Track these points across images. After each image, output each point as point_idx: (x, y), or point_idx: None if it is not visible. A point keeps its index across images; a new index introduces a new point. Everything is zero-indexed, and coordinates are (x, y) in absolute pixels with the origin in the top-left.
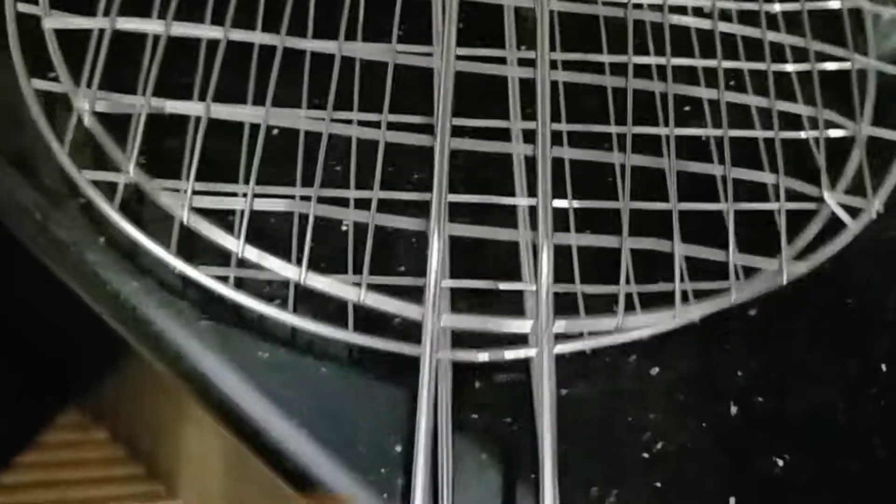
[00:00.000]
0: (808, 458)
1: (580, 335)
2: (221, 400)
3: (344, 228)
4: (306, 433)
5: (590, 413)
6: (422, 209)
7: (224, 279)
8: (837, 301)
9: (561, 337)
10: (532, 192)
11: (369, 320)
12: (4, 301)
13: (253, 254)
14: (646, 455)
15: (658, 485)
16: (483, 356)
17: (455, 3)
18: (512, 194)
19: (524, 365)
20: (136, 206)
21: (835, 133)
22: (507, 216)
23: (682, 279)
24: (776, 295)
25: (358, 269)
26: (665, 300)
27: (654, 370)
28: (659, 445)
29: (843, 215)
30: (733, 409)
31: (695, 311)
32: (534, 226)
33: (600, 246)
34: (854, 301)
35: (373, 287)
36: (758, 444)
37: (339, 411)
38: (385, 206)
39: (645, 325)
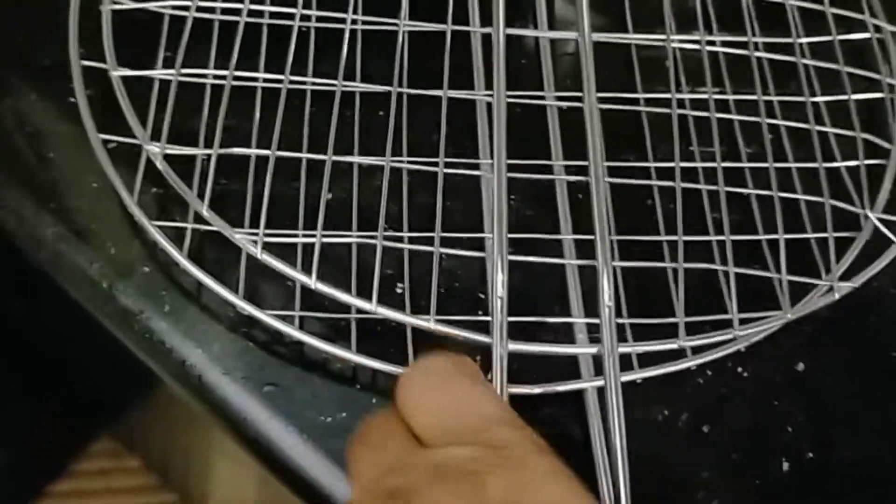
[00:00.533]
0: None
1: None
2: (284, 463)
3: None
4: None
5: (641, 470)
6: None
7: (289, 319)
8: (882, 350)
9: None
10: (576, 221)
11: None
12: (40, 331)
13: (322, 287)
14: None
15: None
16: (537, 389)
17: (502, 47)
18: (556, 229)
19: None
20: (199, 255)
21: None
22: (552, 245)
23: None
24: (822, 349)
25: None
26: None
27: (706, 428)
28: None
29: (888, 232)
30: (785, 465)
31: (753, 332)
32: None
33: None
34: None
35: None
36: (810, 499)
37: None
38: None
39: (710, 344)
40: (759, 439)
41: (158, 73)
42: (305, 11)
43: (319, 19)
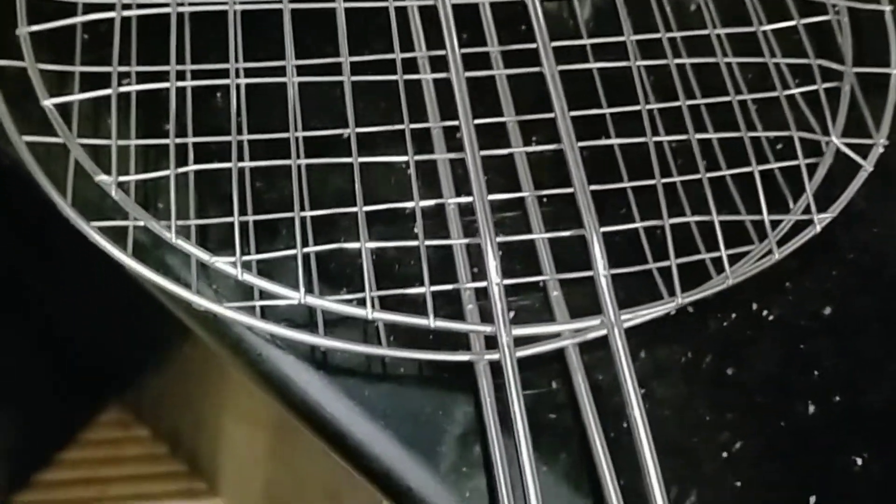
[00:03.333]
0: (888, 455)
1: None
2: (306, 403)
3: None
4: (391, 435)
5: (666, 412)
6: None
7: (250, 310)
8: None
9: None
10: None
11: (396, 332)
12: (50, 299)
13: (312, 300)
14: (725, 455)
15: (738, 484)
16: (521, 353)
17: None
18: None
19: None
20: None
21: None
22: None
23: (718, 248)
24: (850, 292)
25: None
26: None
27: (731, 370)
28: (738, 445)
29: (855, 155)
30: (811, 409)
31: (742, 271)
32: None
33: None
34: None
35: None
36: (836, 443)
37: (419, 413)
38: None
39: (702, 290)
40: (784, 382)
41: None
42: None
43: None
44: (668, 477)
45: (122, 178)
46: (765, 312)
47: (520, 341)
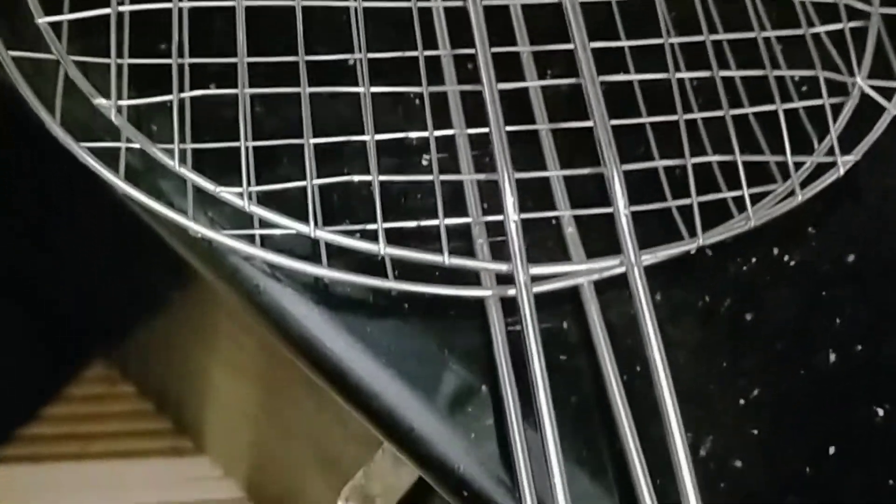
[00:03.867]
0: None
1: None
2: (304, 338)
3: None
4: (393, 373)
5: (682, 358)
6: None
7: (249, 238)
8: None
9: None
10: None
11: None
12: (35, 252)
13: (323, 234)
14: (742, 402)
15: (755, 432)
16: (536, 289)
17: None
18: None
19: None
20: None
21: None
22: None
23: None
24: (874, 238)
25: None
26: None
27: (750, 315)
28: (755, 392)
29: (880, 98)
30: (832, 357)
31: (765, 212)
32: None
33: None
34: None
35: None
36: (857, 394)
37: (423, 350)
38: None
39: (724, 231)
40: (805, 330)
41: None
42: None
43: None
44: (684, 423)
45: (122, 102)
46: (786, 258)
47: (533, 278)
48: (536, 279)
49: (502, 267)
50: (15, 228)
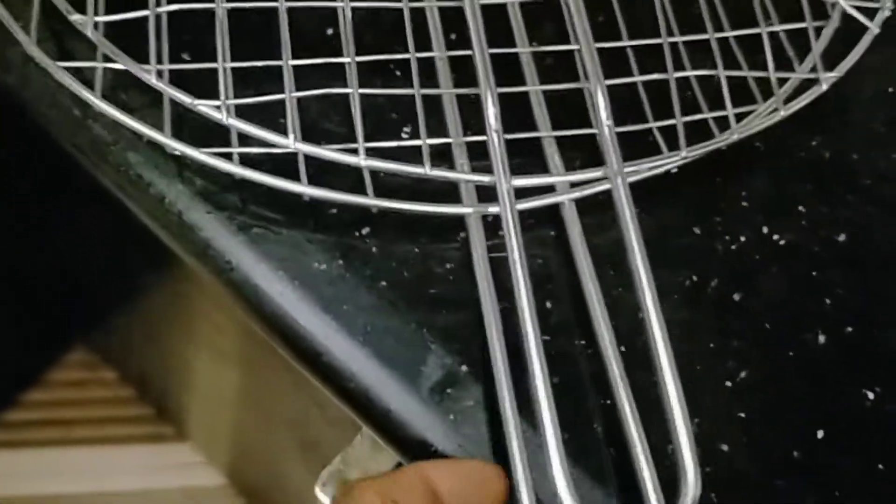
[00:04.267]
0: None
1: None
2: (277, 316)
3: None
4: (370, 352)
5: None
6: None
7: (227, 157)
8: None
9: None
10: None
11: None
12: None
13: (303, 147)
14: (729, 384)
15: (742, 415)
16: (526, 206)
17: None
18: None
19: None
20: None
21: None
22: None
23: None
24: (866, 219)
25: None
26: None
27: (738, 295)
28: (742, 374)
29: (862, 17)
30: (821, 339)
31: (749, 127)
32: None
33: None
34: None
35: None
36: (847, 376)
37: (402, 329)
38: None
39: (707, 145)
40: (794, 310)
41: None
42: None
43: None
44: None
45: (98, 18)
46: (776, 237)
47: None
48: (519, 194)
49: (484, 179)
50: None
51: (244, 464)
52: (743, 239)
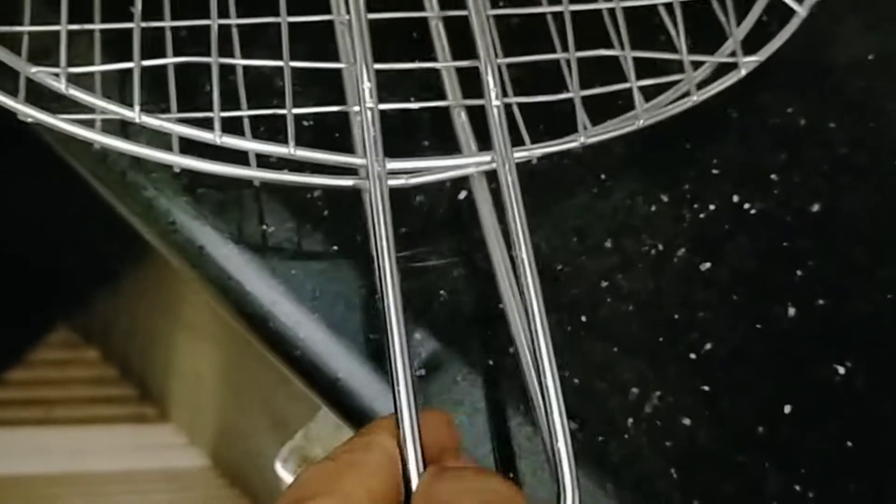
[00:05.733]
0: (873, 366)
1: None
2: (221, 279)
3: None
4: (319, 318)
5: (630, 307)
6: None
7: (88, 123)
8: None
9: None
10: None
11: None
12: None
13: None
14: (693, 356)
15: (706, 388)
16: (418, 180)
17: None
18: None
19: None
20: None
21: None
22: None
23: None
24: (841, 189)
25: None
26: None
27: (706, 265)
28: (707, 346)
29: (790, 1)
30: (791, 311)
31: (656, 111)
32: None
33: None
34: None
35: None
36: (817, 350)
37: (352, 295)
38: None
39: (608, 130)
40: (763, 282)
41: None
42: None
43: None
44: (629, 377)
45: None
46: (747, 205)
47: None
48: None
49: (356, 161)
50: None
51: (225, 445)
52: (712, 207)
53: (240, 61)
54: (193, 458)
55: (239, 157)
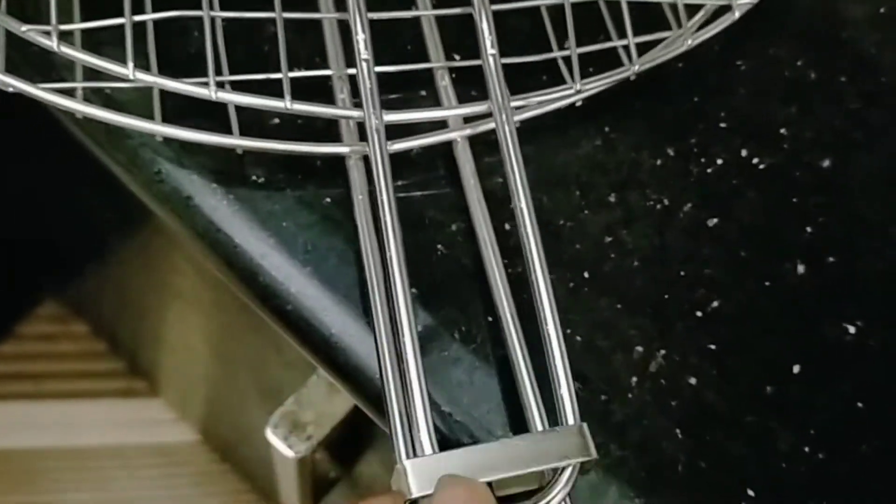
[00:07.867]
0: (884, 325)
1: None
2: (210, 232)
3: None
4: (310, 272)
5: (635, 263)
6: None
7: (70, 93)
8: None
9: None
10: None
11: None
12: None
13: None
14: (699, 314)
15: (712, 347)
16: (400, 145)
17: None
18: None
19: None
20: None
21: None
22: None
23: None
24: (852, 145)
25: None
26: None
27: (713, 221)
28: (714, 304)
29: None
30: (800, 268)
31: (648, 60)
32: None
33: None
34: None
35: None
36: (827, 309)
37: (346, 249)
38: None
39: (603, 79)
40: (772, 238)
41: None
42: None
43: None
44: (633, 335)
45: None
46: (755, 160)
47: (402, 133)
48: (403, 133)
49: (353, 113)
50: None
51: (216, 419)
52: (720, 162)
53: (233, 13)
54: (184, 432)
55: (222, 127)
